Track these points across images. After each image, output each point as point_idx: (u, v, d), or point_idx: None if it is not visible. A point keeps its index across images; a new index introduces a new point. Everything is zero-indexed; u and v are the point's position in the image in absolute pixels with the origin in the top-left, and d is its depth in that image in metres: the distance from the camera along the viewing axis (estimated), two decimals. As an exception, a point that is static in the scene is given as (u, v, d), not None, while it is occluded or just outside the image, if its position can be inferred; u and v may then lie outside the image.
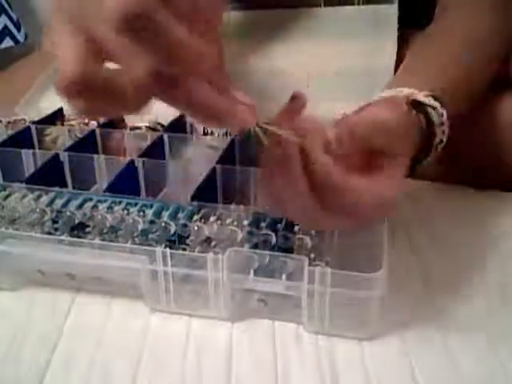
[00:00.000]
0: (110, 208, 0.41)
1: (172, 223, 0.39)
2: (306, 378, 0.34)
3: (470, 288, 0.41)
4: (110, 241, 0.39)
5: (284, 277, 0.35)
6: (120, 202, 0.42)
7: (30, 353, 0.36)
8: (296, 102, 0.30)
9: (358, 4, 0.68)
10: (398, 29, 0.59)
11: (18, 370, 0.34)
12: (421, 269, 0.43)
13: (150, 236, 0.39)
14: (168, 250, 0.36)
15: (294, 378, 0.34)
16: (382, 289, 0.35)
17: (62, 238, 0.39)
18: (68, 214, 0.41)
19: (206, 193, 0.44)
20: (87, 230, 0.40)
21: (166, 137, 0.54)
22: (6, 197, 0.43)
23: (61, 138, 0.57)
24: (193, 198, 0.42)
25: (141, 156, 0.50)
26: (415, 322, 0.37)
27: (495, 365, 0.34)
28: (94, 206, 0.42)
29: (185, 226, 0.39)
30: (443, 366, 0.34)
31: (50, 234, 0.40)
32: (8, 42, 1.00)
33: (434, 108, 0.38)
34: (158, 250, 0.36)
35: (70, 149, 0.51)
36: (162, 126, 0.59)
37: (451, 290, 0.41)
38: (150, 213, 0.40)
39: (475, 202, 0.52)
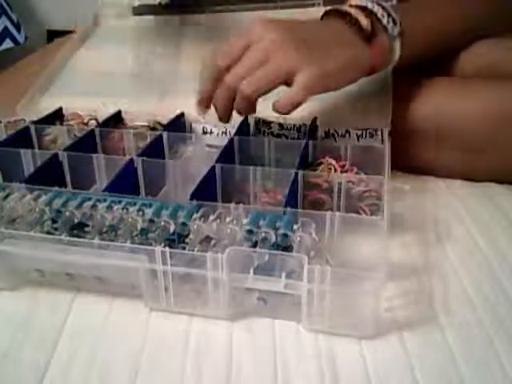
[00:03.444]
0: (109, 207, 0.41)
1: (171, 222, 0.39)
2: (306, 377, 0.34)
3: (472, 288, 0.41)
4: (110, 240, 0.39)
5: (283, 275, 0.35)
6: (119, 202, 0.42)
7: (29, 353, 0.36)
8: None
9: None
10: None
11: (18, 370, 0.34)
12: (423, 268, 0.43)
13: (150, 235, 0.39)
14: (167, 249, 0.36)
15: (294, 377, 0.33)
16: (382, 287, 0.35)
17: (62, 237, 0.38)
18: (67, 213, 0.41)
19: (206, 192, 0.44)
20: (86, 229, 0.40)
21: (165, 136, 0.54)
22: (6, 197, 0.43)
23: (60, 137, 0.57)
24: (192, 197, 0.42)
25: (140, 155, 0.50)
26: (415, 322, 0.37)
27: (495, 365, 0.34)
28: (94, 206, 0.41)
29: (184, 224, 0.39)
30: (443, 365, 0.34)
31: (49, 233, 0.40)
32: (8, 44, 1.00)
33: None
34: (158, 249, 0.36)
35: (69, 148, 0.51)
36: (162, 125, 0.59)
37: (453, 289, 0.41)
38: (149, 212, 0.40)
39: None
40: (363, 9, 0.49)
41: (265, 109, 0.49)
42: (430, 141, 0.55)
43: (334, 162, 0.49)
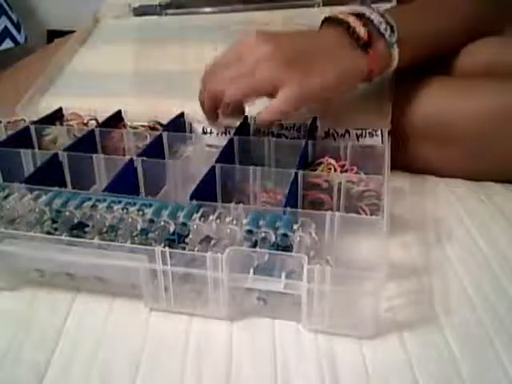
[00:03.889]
0: (109, 207, 0.41)
1: (171, 222, 0.39)
2: (306, 377, 0.34)
3: (472, 288, 0.41)
4: (110, 240, 0.39)
5: (283, 275, 0.35)
6: (119, 202, 0.42)
7: (29, 353, 0.36)
8: None
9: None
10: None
11: (18, 370, 0.34)
12: (423, 268, 0.43)
13: (150, 235, 0.39)
14: (167, 249, 0.36)
15: (294, 377, 0.33)
16: (381, 287, 0.35)
17: (62, 237, 0.38)
18: (67, 213, 0.41)
19: (205, 192, 0.44)
20: (86, 229, 0.40)
21: (165, 136, 0.54)
22: (5, 197, 0.43)
23: (60, 137, 0.57)
24: (192, 197, 0.42)
25: (140, 155, 0.50)
26: (415, 322, 0.37)
27: (495, 365, 0.34)
28: (94, 206, 0.41)
29: (184, 224, 0.39)
30: (443, 365, 0.34)
31: (49, 233, 0.40)
32: (8, 44, 1.00)
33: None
34: (158, 249, 0.36)
35: (69, 148, 0.51)
36: (161, 125, 0.59)
37: (453, 289, 0.41)
38: (149, 212, 0.40)
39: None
40: (361, 16, 0.49)
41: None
42: (430, 140, 0.55)
43: (333, 162, 0.49)
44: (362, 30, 0.48)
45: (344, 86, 0.49)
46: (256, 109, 0.49)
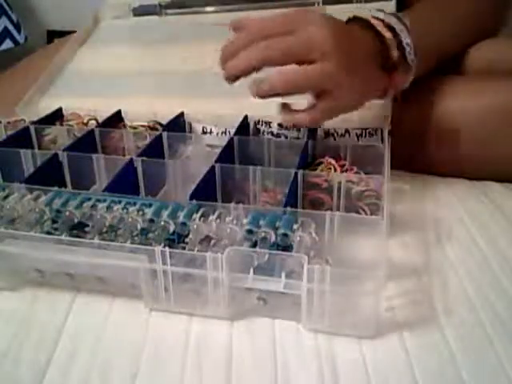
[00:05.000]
0: (109, 207, 0.41)
1: (171, 222, 0.39)
2: (306, 377, 0.34)
3: (472, 288, 0.41)
4: (110, 240, 0.39)
5: (283, 275, 0.35)
6: (119, 202, 0.42)
7: (30, 353, 0.36)
8: None
9: (357, 2, 0.69)
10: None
11: (18, 370, 0.34)
12: (423, 268, 0.43)
13: (150, 235, 0.39)
14: (167, 248, 0.36)
15: (294, 377, 0.33)
16: (381, 287, 0.35)
17: (62, 237, 0.39)
18: (67, 213, 0.41)
19: (205, 191, 0.44)
20: (86, 229, 0.40)
21: (164, 136, 0.54)
22: (5, 197, 0.43)
23: (60, 137, 0.57)
24: (192, 197, 0.42)
25: (140, 155, 0.50)
26: (415, 322, 0.37)
27: (495, 365, 0.34)
28: (93, 206, 0.42)
29: (184, 224, 0.39)
30: (443, 365, 0.34)
31: (49, 233, 0.40)
32: (8, 44, 1.00)
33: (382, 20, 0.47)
34: (157, 249, 0.36)
35: (68, 148, 0.51)
36: (161, 124, 0.59)
37: (453, 289, 0.41)
38: (149, 212, 0.40)
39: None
40: (394, 32, 0.47)
41: (263, 108, 0.49)
42: (432, 139, 0.55)
43: (333, 162, 0.49)
44: (394, 53, 0.47)
45: (358, 107, 0.48)
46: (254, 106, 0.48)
